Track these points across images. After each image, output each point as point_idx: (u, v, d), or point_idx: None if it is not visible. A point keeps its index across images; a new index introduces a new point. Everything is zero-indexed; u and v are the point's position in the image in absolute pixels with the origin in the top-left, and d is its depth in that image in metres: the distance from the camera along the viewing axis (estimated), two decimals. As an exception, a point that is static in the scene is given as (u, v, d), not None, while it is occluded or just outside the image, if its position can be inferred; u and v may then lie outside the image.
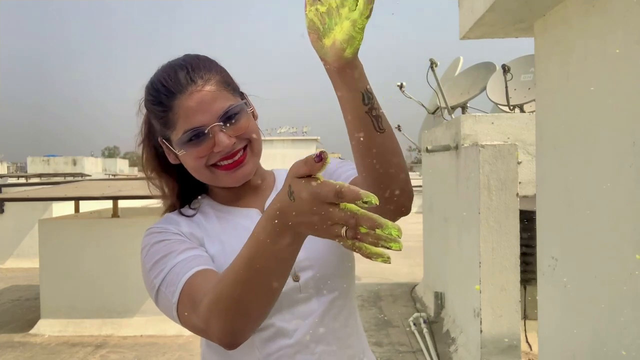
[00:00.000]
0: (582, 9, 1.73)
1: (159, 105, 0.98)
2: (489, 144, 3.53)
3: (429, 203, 5.37)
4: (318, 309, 0.99)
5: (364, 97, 0.80)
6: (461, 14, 2.47)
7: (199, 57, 1.02)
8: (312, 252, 1.00)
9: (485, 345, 3.50)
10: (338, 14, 0.75)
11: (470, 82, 5.14)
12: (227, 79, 1.02)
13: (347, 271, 1.05)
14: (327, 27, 0.76)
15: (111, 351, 4.48)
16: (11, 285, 7.10)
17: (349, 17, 0.74)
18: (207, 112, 0.95)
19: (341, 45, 0.75)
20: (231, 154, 0.99)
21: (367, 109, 0.81)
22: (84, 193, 5.45)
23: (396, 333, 4.73)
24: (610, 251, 1.59)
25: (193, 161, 0.98)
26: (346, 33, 0.74)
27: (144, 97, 1.03)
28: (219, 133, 0.96)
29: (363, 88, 0.80)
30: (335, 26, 0.75)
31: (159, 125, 1.01)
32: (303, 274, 0.99)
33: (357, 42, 0.74)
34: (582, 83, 1.75)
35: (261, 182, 1.11)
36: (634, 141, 1.45)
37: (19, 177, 18.95)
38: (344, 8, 0.74)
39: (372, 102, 0.81)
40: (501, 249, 3.50)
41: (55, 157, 24.73)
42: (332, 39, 0.75)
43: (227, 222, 1.05)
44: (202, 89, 0.96)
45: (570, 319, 1.87)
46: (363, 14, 0.72)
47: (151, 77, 1.02)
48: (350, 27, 0.73)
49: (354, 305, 1.08)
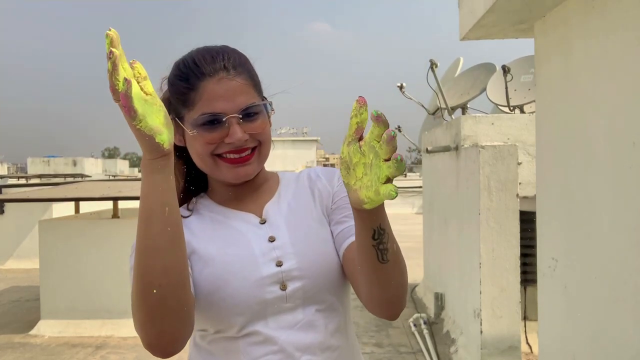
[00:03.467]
0: (582, 9, 1.73)
1: (185, 82, 0.98)
2: (489, 145, 3.53)
3: (429, 204, 5.37)
4: (303, 319, 0.99)
5: (374, 234, 0.82)
6: (461, 15, 2.47)
7: (236, 51, 1.04)
8: (304, 263, 1.00)
9: (485, 346, 3.50)
10: (370, 169, 0.73)
11: (470, 83, 5.14)
12: (256, 79, 1.04)
13: (339, 286, 1.03)
14: (353, 172, 0.76)
15: (111, 352, 4.48)
16: (11, 286, 7.10)
17: (377, 176, 0.72)
18: (230, 102, 0.96)
19: (362, 200, 0.75)
20: (240, 149, 0.98)
21: (375, 243, 0.83)
22: (84, 194, 5.45)
23: (396, 334, 4.73)
24: (610, 251, 1.59)
25: (201, 146, 0.98)
26: (369, 195, 0.74)
27: (171, 72, 1.03)
28: (235, 125, 0.96)
29: (376, 225, 0.81)
30: (364, 177, 0.74)
31: (177, 102, 1.00)
32: (291, 284, 0.99)
33: (376, 203, 0.75)
34: (582, 83, 1.75)
35: (263, 184, 1.11)
36: (634, 142, 1.45)
37: (19, 178, 18.95)
38: (377, 162, 0.72)
39: (381, 237, 0.83)
40: (501, 249, 3.50)
41: (55, 158, 24.74)
42: (357, 188, 0.76)
43: (221, 225, 1.04)
44: (233, 78, 0.97)
45: (570, 319, 1.87)
46: (387, 188, 0.71)
47: (184, 55, 1.02)
48: (373, 193, 0.73)
49: (345, 319, 1.06)
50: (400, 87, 6.05)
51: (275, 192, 1.10)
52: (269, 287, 0.97)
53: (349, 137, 0.75)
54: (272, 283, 0.97)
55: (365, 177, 0.74)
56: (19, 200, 6.20)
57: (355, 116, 0.73)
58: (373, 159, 0.73)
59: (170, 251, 0.82)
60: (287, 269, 0.99)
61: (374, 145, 0.72)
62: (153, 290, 0.80)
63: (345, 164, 0.77)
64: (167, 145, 0.79)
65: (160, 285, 0.80)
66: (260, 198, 1.09)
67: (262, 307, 0.96)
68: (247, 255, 0.99)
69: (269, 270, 0.98)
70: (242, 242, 1.01)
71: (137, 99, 0.75)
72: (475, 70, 5.27)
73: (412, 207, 16.15)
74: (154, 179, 0.80)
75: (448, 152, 4.16)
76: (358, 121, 0.73)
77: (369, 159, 0.74)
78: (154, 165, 0.80)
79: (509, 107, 4.34)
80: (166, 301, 0.81)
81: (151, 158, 0.80)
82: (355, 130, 0.74)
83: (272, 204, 1.08)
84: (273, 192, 1.10)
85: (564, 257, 1.92)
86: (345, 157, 0.77)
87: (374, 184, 0.73)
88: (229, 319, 0.96)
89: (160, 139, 0.78)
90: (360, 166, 0.74)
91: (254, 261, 0.98)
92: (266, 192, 1.10)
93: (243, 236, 1.02)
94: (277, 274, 0.98)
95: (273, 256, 0.99)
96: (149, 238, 0.81)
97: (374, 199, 0.73)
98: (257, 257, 0.99)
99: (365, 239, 0.83)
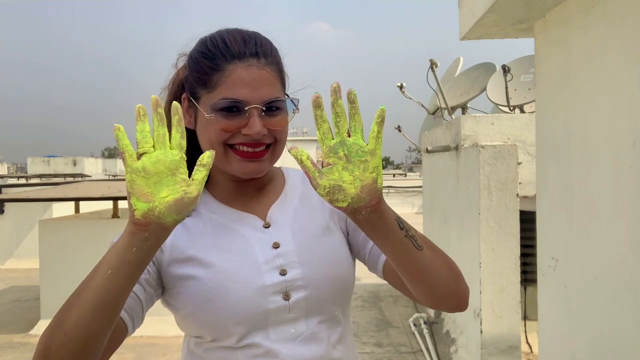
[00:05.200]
0: (582, 9, 1.73)
1: (210, 61, 0.91)
2: (489, 145, 3.53)
3: (429, 204, 5.36)
4: (306, 331, 0.94)
5: (399, 223, 0.82)
6: (461, 14, 2.47)
7: (269, 40, 0.97)
8: (309, 272, 0.95)
9: (485, 345, 3.50)
10: (349, 161, 0.77)
11: (470, 83, 5.13)
12: (284, 73, 0.98)
13: (343, 296, 0.99)
14: (345, 177, 0.77)
15: (111, 352, 4.48)
16: (11, 285, 7.10)
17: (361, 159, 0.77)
18: (255, 91, 0.89)
19: (378, 188, 0.78)
20: (255, 143, 0.92)
21: (405, 233, 0.83)
22: (84, 194, 5.45)
23: (396, 334, 4.73)
24: (610, 251, 1.59)
25: (215, 132, 0.91)
26: (380, 181, 0.78)
27: (195, 48, 0.96)
28: (256, 116, 0.90)
29: (395, 215, 0.82)
30: (353, 173, 0.77)
31: (196, 80, 0.93)
32: (295, 294, 0.93)
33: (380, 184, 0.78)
34: (582, 83, 1.75)
35: (268, 184, 1.05)
36: (634, 141, 1.44)
37: (19, 177, 18.94)
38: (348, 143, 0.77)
39: (404, 224, 0.83)
40: (501, 249, 3.49)
41: (55, 157, 24.72)
42: (357, 186, 0.78)
43: (222, 228, 0.97)
44: (262, 67, 0.91)
45: (570, 319, 1.87)
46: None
47: (212, 33, 0.96)
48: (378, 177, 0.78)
49: (347, 330, 1.02)
50: (400, 87, 6.04)
51: (280, 193, 1.04)
52: (272, 297, 0.92)
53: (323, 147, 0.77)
54: (275, 292, 0.92)
55: (353, 172, 0.77)
56: (19, 200, 6.20)
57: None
58: (344, 150, 0.76)
59: (95, 316, 0.75)
60: (291, 278, 0.93)
61: (337, 133, 0.77)
62: (63, 331, 0.75)
63: (334, 186, 0.77)
64: (138, 215, 0.72)
65: (65, 334, 0.75)
66: (265, 198, 1.02)
67: (263, 317, 0.91)
68: (249, 262, 0.94)
69: (272, 279, 0.93)
70: (245, 247, 0.95)
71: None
72: (475, 70, 5.27)
73: (412, 207, 16.13)
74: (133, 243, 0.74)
75: (448, 152, 4.16)
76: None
77: (342, 153, 0.76)
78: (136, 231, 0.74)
79: (509, 107, 4.34)
80: (72, 342, 0.75)
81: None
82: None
83: (277, 207, 1.01)
84: (278, 193, 1.04)
85: (564, 257, 1.92)
86: (333, 178, 0.77)
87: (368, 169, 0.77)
88: (228, 328, 0.91)
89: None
90: (340, 168, 0.77)
91: (256, 269, 0.93)
92: (271, 193, 1.04)
93: (246, 241, 0.96)
94: (281, 283, 0.93)
95: (277, 264, 0.94)
96: (91, 290, 0.77)
97: (380, 182, 0.77)
98: (260, 264, 0.94)
99: (395, 235, 0.82)
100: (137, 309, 0.90)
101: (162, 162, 0.72)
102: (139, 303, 0.90)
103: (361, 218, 0.79)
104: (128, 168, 0.72)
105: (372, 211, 0.79)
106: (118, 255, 0.75)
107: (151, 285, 0.93)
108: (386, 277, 1.00)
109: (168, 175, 0.72)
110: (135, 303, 0.89)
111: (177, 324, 1.00)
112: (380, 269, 1.00)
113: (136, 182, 0.72)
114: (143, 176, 0.72)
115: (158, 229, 0.73)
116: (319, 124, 0.76)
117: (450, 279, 0.89)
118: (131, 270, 0.75)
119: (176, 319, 0.99)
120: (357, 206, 0.77)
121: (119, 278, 0.75)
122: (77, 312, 0.75)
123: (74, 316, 0.75)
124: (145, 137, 0.72)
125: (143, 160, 0.72)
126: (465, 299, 0.92)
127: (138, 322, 0.92)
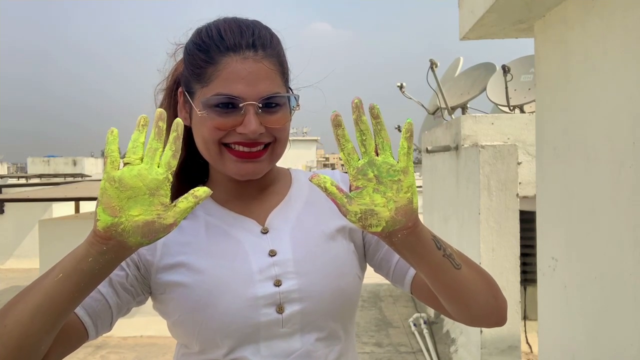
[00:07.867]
0: (582, 9, 1.73)
1: (204, 54, 0.85)
2: (489, 145, 3.53)
3: (429, 204, 5.36)
4: (300, 348, 0.87)
5: (436, 243, 0.78)
6: (461, 14, 2.47)
7: (269, 29, 0.89)
8: (305, 284, 0.87)
9: (485, 345, 3.50)
10: (380, 182, 0.72)
11: (470, 83, 5.13)
12: (285, 66, 0.91)
13: (344, 312, 0.91)
14: (376, 199, 0.72)
15: (111, 352, 4.48)
16: (11, 285, 7.10)
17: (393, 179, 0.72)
18: (251, 86, 0.82)
19: (414, 208, 0.74)
20: (251, 143, 0.85)
21: (442, 253, 0.78)
22: (84, 193, 5.45)
23: (396, 334, 4.73)
24: (610, 251, 1.59)
25: (208, 130, 0.84)
26: (415, 201, 0.73)
27: (191, 38, 0.90)
28: (252, 114, 0.82)
29: (431, 235, 0.78)
30: (385, 196, 0.72)
31: (191, 74, 0.87)
32: (289, 307, 0.86)
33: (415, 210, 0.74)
34: (582, 83, 1.75)
35: (271, 185, 0.97)
36: (634, 141, 1.44)
37: (19, 177, 18.95)
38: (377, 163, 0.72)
39: (441, 244, 0.79)
40: (501, 249, 3.49)
41: (55, 157, 24.71)
42: (391, 208, 0.73)
43: (217, 232, 0.91)
44: (260, 60, 0.84)
45: (570, 319, 1.87)
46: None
47: (208, 22, 0.89)
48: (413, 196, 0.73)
49: (347, 347, 0.94)
50: (400, 87, 6.04)
51: (284, 196, 0.97)
52: (264, 309, 0.85)
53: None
54: (267, 304, 0.85)
55: (386, 194, 0.71)
56: (19, 200, 6.20)
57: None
58: (373, 170, 0.71)
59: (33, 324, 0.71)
60: (285, 289, 0.86)
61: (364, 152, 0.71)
62: (4, 322, 0.71)
63: (366, 211, 0.71)
64: (99, 227, 0.67)
65: (5, 326, 0.71)
66: (267, 201, 0.95)
67: (254, 330, 0.85)
68: (242, 270, 0.87)
69: (264, 289, 0.86)
70: (238, 254, 0.88)
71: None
72: (475, 70, 5.26)
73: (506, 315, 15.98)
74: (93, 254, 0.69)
75: (448, 152, 4.16)
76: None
77: (372, 174, 0.71)
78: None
79: (509, 107, 4.34)
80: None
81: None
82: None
83: (278, 211, 0.94)
84: (282, 196, 0.96)
85: (564, 257, 1.92)
86: (364, 202, 0.71)
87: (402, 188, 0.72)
88: (216, 340, 0.85)
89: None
90: (370, 190, 0.71)
91: (249, 278, 0.86)
92: (274, 195, 0.96)
93: (240, 247, 0.89)
94: (274, 295, 0.86)
95: (272, 274, 0.87)
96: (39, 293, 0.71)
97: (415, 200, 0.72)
98: (254, 273, 0.87)
99: (433, 256, 0.77)
100: (104, 314, 0.85)
101: (142, 178, 0.67)
102: (108, 308, 0.85)
103: (397, 241, 0.74)
104: (105, 175, 0.67)
105: (408, 234, 0.73)
106: (73, 262, 0.70)
107: (128, 291, 0.88)
108: (414, 293, 0.95)
109: (145, 193, 0.67)
110: (102, 308, 0.85)
111: (169, 330, 0.95)
112: (408, 285, 0.94)
113: (108, 191, 0.66)
114: (117, 187, 0.66)
115: (118, 246, 0.68)
116: (342, 144, 0.71)
117: (489, 295, 0.85)
118: (83, 280, 0.70)
119: (167, 325, 0.94)
120: (393, 229, 0.72)
121: (68, 284, 0.70)
122: (20, 307, 0.71)
123: (17, 311, 0.71)
124: (135, 147, 0.68)
125: (123, 171, 0.67)
126: (504, 314, 0.88)
127: (104, 327, 0.87)
